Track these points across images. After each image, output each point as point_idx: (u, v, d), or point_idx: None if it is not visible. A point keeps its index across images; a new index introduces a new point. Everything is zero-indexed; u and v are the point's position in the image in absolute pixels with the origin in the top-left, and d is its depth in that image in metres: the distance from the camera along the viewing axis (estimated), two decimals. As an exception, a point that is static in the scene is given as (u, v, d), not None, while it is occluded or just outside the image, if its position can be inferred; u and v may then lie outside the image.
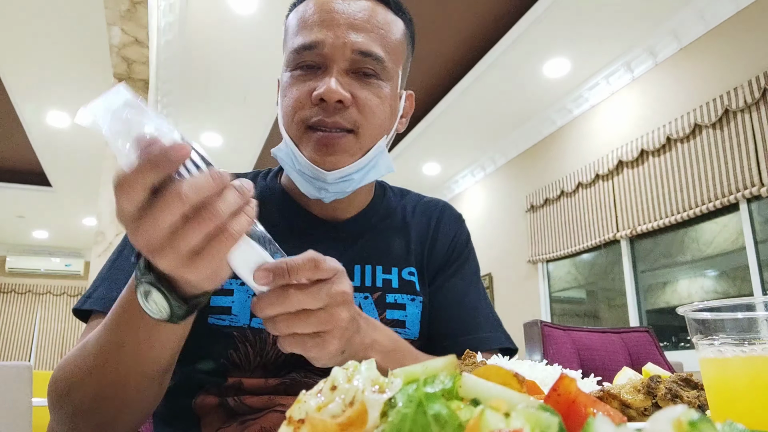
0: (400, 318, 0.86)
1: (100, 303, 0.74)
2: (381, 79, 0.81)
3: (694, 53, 3.92)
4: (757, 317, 0.41)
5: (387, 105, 0.82)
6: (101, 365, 0.62)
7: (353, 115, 0.78)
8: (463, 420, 0.24)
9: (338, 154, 0.78)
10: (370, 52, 0.79)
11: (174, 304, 0.53)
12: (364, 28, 0.80)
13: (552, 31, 4.10)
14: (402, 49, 0.86)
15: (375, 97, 0.80)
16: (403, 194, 1.03)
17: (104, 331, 0.61)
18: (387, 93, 0.82)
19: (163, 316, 0.54)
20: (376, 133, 0.82)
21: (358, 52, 0.78)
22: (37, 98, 5.19)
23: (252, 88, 4.97)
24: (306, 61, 0.80)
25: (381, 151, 0.83)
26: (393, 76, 0.83)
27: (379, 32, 0.81)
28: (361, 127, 0.79)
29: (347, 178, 0.81)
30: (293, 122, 0.80)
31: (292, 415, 0.29)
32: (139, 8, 3.56)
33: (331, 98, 0.76)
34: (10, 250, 10.02)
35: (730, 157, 3.54)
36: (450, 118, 5.41)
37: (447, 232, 0.98)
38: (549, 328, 1.52)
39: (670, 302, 4.17)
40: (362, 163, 0.81)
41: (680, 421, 0.22)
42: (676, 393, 0.44)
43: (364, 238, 0.91)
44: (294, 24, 0.83)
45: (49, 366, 9.72)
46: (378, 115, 0.80)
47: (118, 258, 0.80)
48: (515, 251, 5.71)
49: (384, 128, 0.83)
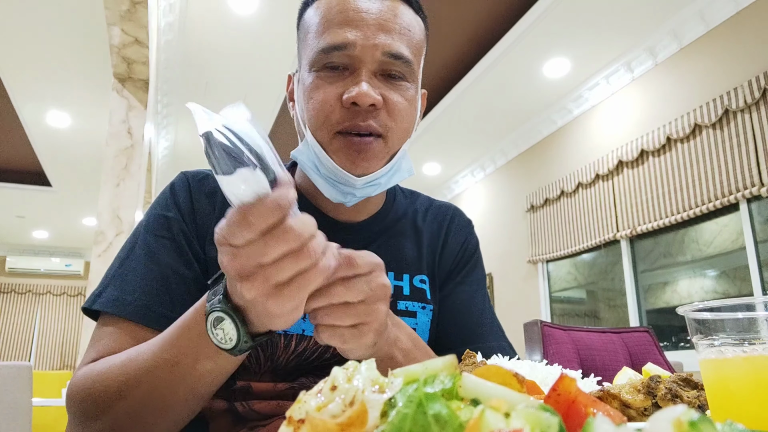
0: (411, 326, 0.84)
1: (110, 305, 0.73)
2: (408, 81, 0.80)
3: (694, 53, 3.92)
4: (757, 317, 0.41)
5: (414, 107, 0.82)
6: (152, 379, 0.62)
7: (384, 118, 0.77)
8: (463, 420, 0.24)
9: (370, 160, 0.77)
10: (400, 54, 0.77)
11: (243, 338, 0.55)
12: (392, 29, 0.77)
13: (552, 31, 4.10)
14: (423, 50, 0.85)
15: (404, 100, 0.79)
16: (414, 196, 1.01)
17: (160, 346, 0.62)
18: (413, 95, 0.81)
19: (228, 346, 0.56)
20: (403, 136, 0.81)
21: (388, 54, 0.76)
22: (37, 98, 5.19)
23: (252, 88, 4.98)
24: (334, 62, 0.77)
25: (404, 154, 0.83)
26: (417, 78, 0.83)
27: (406, 33, 0.79)
28: (390, 131, 0.78)
29: (374, 183, 0.80)
30: (323, 126, 0.77)
31: (292, 415, 0.29)
32: (139, 8, 3.56)
33: (365, 102, 0.74)
34: (10, 250, 10.02)
35: (730, 157, 3.54)
36: (450, 118, 5.42)
37: (457, 238, 0.97)
38: (549, 328, 1.52)
39: (670, 302, 4.18)
40: (389, 167, 0.80)
41: (680, 421, 0.22)
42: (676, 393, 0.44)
43: (377, 242, 0.89)
44: (316, 22, 0.80)
45: (49, 366, 9.73)
46: (405, 118, 0.79)
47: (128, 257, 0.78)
48: (515, 251, 5.71)
49: (409, 131, 0.82)
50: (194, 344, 0.59)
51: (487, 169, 6.36)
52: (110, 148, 4.03)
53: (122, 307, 0.72)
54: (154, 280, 0.74)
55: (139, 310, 0.72)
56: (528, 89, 4.90)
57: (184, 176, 0.85)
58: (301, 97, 0.81)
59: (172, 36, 4.32)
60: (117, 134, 4.07)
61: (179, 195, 0.82)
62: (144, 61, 4.07)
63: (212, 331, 0.56)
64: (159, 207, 0.82)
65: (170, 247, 0.78)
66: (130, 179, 4.01)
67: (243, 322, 0.55)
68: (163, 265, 0.76)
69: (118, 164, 4.01)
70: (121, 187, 3.98)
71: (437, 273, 0.93)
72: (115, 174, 3.99)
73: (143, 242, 0.78)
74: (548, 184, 5.27)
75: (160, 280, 0.74)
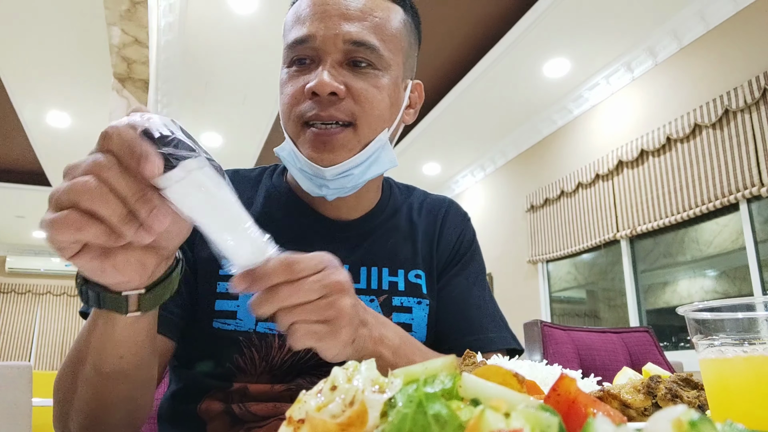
0: (407, 321, 0.85)
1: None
2: (377, 69, 0.78)
3: (694, 53, 3.92)
4: (757, 317, 0.41)
5: (385, 95, 0.79)
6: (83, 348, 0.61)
7: (349, 106, 0.76)
8: (463, 420, 0.24)
9: (336, 150, 0.76)
10: (363, 41, 0.76)
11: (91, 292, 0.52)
12: (356, 17, 0.77)
13: (552, 31, 4.10)
14: (401, 37, 0.83)
15: (372, 87, 0.77)
16: (409, 191, 1.01)
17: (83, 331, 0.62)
18: (385, 83, 0.79)
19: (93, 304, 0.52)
20: (376, 125, 0.78)
21: (350, 42, 0.76)
22: (37, 98, 5.19)
23: (252, 88, 4.97)
24: (299, 56, 0.78)
25: (383, 144, 0.80)
26: (391, 66, 0.80)
27: (373, 21, 0.78)
28: (359, 119, 0.76)
29: (346, 174, 0.78)
30: (290, 119, 0.78)
31: (292, 415, 0.29)
32: (139, 8, 3.56)
33: (324, 90, 0.74)
34: (10, 250, 10.02)
35: (730, 157, 3.54)
36: (450, 118, 5.41)
37: (452, 231, 0.96)
38: (549, 328, 1.52)
39: (670, 302, 4.18)
40: (362, 157, 0.78)
41: (680, 421, 0.22)
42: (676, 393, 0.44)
43: (370, 239, 0.88)
44: (290, 20, 0.82)
45: (49, 366, 9.72)
46: (376, 105, 0.77)
47: None
48: (515, 251, 5.71)
49: (384, 120, 0.80)
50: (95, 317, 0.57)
51: (487, 169, 6.36)
52: (110, 148, 4.02)
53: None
54: None
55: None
56: (528, 89, 4.90)
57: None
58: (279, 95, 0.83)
59: (172, 36, 4.32)
60: (117, 134, 4.05)
61: None
62: (144, 61, 4.07)
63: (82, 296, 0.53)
64: None
65: None
66: (130, 179, 4.01)
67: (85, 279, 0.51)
68: None
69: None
70: (121, 187, 3.97)
71: (434, 267, 0.92)
72: (115, 174, 3.98)
73: None
74: (548, 184, 5.27)
75: None
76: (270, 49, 4.35)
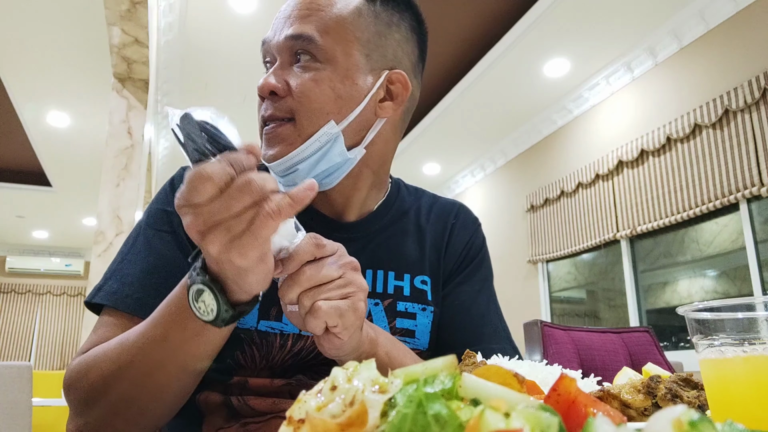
0: (410, 327, 0.84)
1: (110, 298, 0.74)
2: (318, 61, 0.77)
3: (694, 53, 3.92)
4: (757, 317, 0.41)
5: (326, 87, 0.76)
6: (143, 358, 0.63)
7: (288, 103, 0.77)
8: (463, 420, 0.24)
9: (277, 145, 0.77)
10: (298, 34, 0.77)
11: (222, 307, 0.55)
12: (299, 15, 0.79)
13: (552, 31, 4.10)
14: (354, 25, 0.80)
15: (309, 80, 0.76)
16: (418, 193, 0.99)
17: (150, 325, 0.63)
18: (326, 75, 0.77)
19: (209, 317, 0.56)
20: (316, 117, 0.76)
21: (289, 38, 0.78)
22: (37, 98, 5.19)
23: (252, 88, 4.96)
24: (265, 59, 0.83)
25: (332, 138, 0.77)
26: (336, 57, 0.78)
27: (316, 14, 0.78)
28: (296, 113, 0.76)
29: (293, 170, 0.77)
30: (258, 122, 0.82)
31: (292, 414, 0.29)
32: (139, 8, 3.56)
33: (264, 91, 0.77)
34: (10, 250, 10.02)
35: (730, 157, 3.54)
36: (450, 118, 5.41)
37: (461, 237, 0.95)
38: (549, 328, 1.52)
39: (670, 302, 4.18)
40: (305, 151, 0.76)
41: (680, 421, 0.22)
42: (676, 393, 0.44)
43: (376, 241, 0.87)
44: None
45: (49, 366, 9.72)
46: (314, 99, 0.76)
47: (129, 251, 0.79)
48: (515, 251, 5.71)
49: (326, 112, 0.76)
50: (181, 319, 0.59)
51: (487, 169, 6.36)
52: (110, 148, 4.03)
53: (122, 299, 0.73)
54: (154, 274, 0.75)
55: (138, 303, 0.73)
56: (528, 89, 4.90)
57: (184, 171, 0.86)
58: None
59: (172, 36, 4.32)
60: (117, 134, 4.06)
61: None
62: (144, 61, 4.07)
63: (194, 304, 0.56)
64: (159, 202, 0.83)
65: (171, 241, 0.79)
66: (130, 179, 4.01)
67: (221, 291, 0.55)
68: (165, 258, 0.77)
69: (118, 164, 4.01)
70: (121, 187, 3.98)
71: (440, 274, 0.91)
72: (115, 174, 3.99)
73: (144, 237, 0.80)
74: (548, 184, 5.27)
75: (160, 274, 0.75)
76: (270, 49, 4.34)
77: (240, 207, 0.50)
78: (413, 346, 0.84)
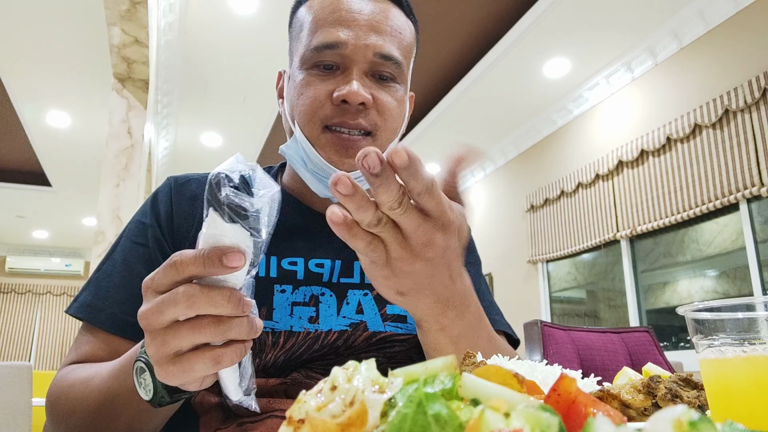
0: (401, 313, 0.85)
1: (82, 310, 0.76)
2: (397, 83, 0.82)
3: (694, 53, 3.92)
4: (757, 317, 0.41)
5: (402, 108, 0.83)
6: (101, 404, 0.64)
7: (373, 117, 0.79)
8: (463, 420, 0.24)
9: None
10: (391, 56, 0.79)
11: (159, 392, 0.53)
12: (383, 30, 0.80)
13: (552, 31, 4.10)
14: (412, 52, 0.87)
15: (393, 100, 0.81)
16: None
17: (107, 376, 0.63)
18: (402, 96, 0.83)
19: (147, 397, 0.54)
20: (391, 136, 0.82)
21: (379, 55, 0.78)
22: (37, 98, 5.19)
23: (252, 88, 4.98)
24: (325, 61, 0.78)
25: None
26: (406, 79, 0.84)
27: (397, 35, 0.81)
28: (379, 129, 0.79)
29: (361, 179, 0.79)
30: (311, 122, 0.79)
31: (292, 415, 0.29)
32: (139, 8, 3.56)
33: (355, 100, 0.76)
34: (10, 250, 10.02)
35: (730, 157, 3.54)
36: (450, 118, 5.42)
37: None
38: (549, 328, 1.52)
39: (670, 302, 4.18)
40: None
41: (680, 421, 0.22)
42: (676, 393, 0.44)
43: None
44: (308, 20, 0.82)
45: (49, 366, 9.72)
46: (395, 118, 0.81)
47: (106, 262, 0.81)
48: (515, 251, 5.71)
49: (397, 131, 0.83)
50: (129, 383, 0.58)
51: (487, 169, 6.36)
52: (110, 148, 4.03)
53: (94, 314, 0.75)
54: (126, 289, 0.76)
55: (109, 319, 0.74)
56: (528, 89, 4.90)
57: (169, 181, 0.87)
58: (291, 94, 0.83)
59: (172, 36, 4.32)
60: (117, 134, 4.07)
61: (160, 201, 0.84)
62: (144, 61, 4.07)
63: (136, 378, 0.55)
64: (140, 213, 0.85)
65: (143, 255, 0.79)
66: (130, 179, 4.01)
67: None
68: (135, 274, 0.77)
69: (118, 164, 4.01)
70: (121, 187, 3.98)
71: None
72: (115, 174, 3.99)
73: (122, 248, 0.81)
74: (548, 184, 5.27)
75: (131, 289, 0.76)
76: (270, 49, 4.35)
77: (175, 316, 0.46)
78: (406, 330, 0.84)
